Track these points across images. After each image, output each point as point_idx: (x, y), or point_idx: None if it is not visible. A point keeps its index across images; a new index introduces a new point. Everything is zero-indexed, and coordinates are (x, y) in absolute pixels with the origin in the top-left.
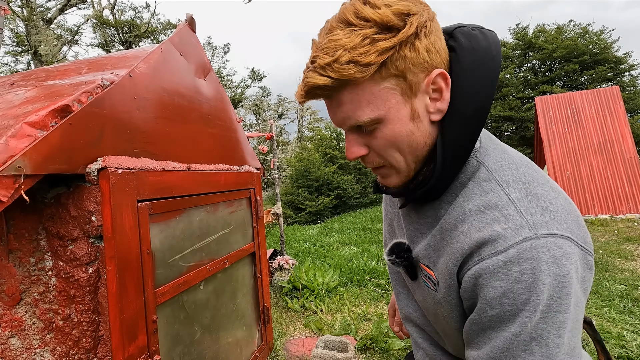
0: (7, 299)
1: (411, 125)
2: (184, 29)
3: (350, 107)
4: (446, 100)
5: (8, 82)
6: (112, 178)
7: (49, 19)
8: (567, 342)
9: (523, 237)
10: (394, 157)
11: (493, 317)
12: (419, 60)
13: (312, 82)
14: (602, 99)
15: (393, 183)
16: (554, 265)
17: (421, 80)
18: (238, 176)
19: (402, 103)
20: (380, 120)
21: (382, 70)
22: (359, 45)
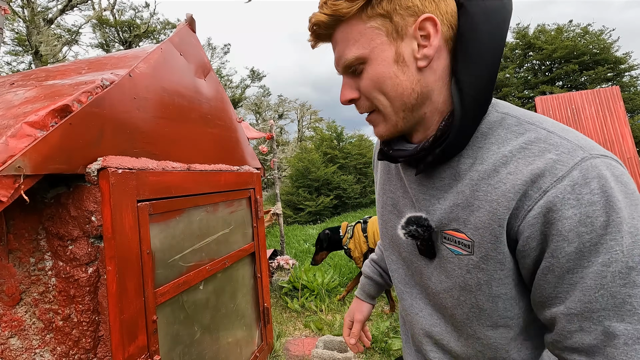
0: (7, 299)
1: (395, 68)
2: (184, 29)
3: (342, 46)
4: (434, 47)
5: (8, 82)
6: (112, 178)
7: (49, 19)
8: None
9: (580, 157)
10: (380, 100)
11: (572, 255)
12: (407, 3)
13: (314, 19)
14: (602, 99)
15: (381, 131)
16: (620, 183)
17: (409, 24)
18: (238, 176)
19: (387, 44)
20: (364, 59)
21: (368, 8)
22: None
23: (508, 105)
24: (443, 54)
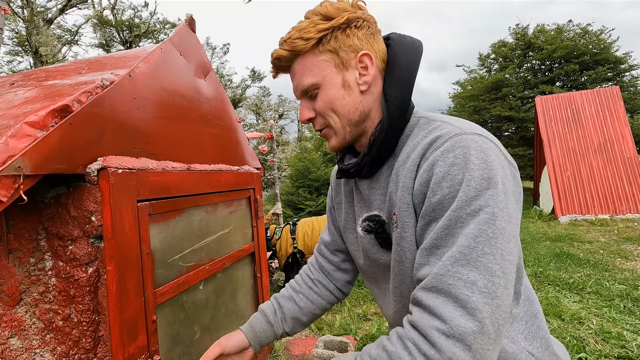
0: (7, 299)
1: (342, 91)
2: (184, 29)
3: (299, 75)
4: (371, 75)
5: (8, 82)
6: (112, 178)
7: (49, 19)
8: (501, 216)
9: (455, 133)
10: (332, 117)
11: (436, 204)
12: (349, 43)
13: (275, 54)
14: (602, 99)
15: (333, 144)
16: (481, 152)
17: (352, 58)
18: (238, 176)
19: (336, 73)
20: (318, 85)
21: (319, 45)
22: (306, 27)
23: (424, 112)
24: (378, 81)
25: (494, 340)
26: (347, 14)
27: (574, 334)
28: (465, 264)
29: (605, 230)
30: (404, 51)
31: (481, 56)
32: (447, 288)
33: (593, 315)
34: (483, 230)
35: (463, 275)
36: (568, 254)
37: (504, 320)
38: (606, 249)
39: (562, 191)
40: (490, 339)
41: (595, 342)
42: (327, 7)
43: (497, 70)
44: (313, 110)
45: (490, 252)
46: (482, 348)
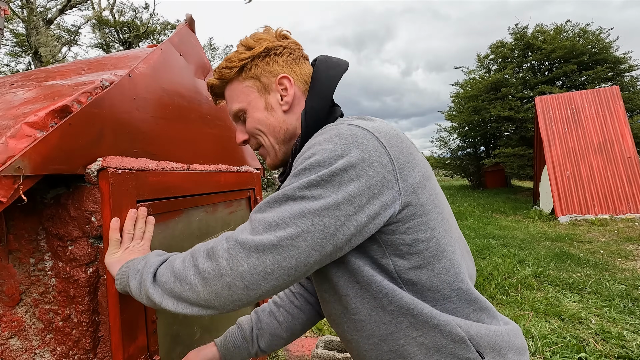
0: (7, 300)
1: (266, 113)
2: (184, 30)
3: (230, 101)
4: (291, 95)
5: (8, 82)
6: (111, 178)
7: (49, 20)
8: (329, 202)
9: (326, 127)
10: (261, 137)
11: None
12: (269, 69)
13: (209, 83)
14: (602, 98)
15: (269, 163)
16: (337, 137)
17: (272, 82)
18: (238, 176)
19: (259, 98)
20: (244, 110)
21: (242, 72)
22: (231, 57)
23: (361, 118)
24: (301, 101)
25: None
26: (266, 43)
27: (574, 333)
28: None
29: (605, 230)
30: (327, 68)
31: (480, 57)
32: None
33: (593, 315)
34: (306, 211)
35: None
36: (568, 253)
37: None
38: (606, 249)
39: (562, 191)
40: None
41: (595, 342)
42: (248, 40)
43: (497, 70)
44: (245, 133)
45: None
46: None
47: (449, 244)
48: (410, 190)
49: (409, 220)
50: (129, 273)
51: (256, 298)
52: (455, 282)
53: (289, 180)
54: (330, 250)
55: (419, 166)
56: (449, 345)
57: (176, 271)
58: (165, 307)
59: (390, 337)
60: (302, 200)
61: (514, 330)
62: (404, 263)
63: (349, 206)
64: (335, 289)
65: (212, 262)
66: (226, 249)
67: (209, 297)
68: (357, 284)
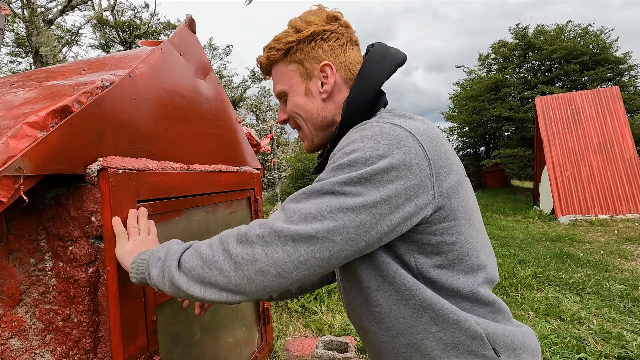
0: (7, 300)
1: (305, 99)
2: (184, 30)
3: (274, 81)
4: (331, 84)
5: (8, 82)
6: (112, 179)
7: (49, 20)
8: (372, 199)
9: (368, 122)
10: (299, 121)
11: (322, 176)
12: (313, 55)
13: (259, 59)
14: (602, 99)
15: (305, 146)
16: (379, 136)
17: (315, 69)
18: (238, 176)
19: (300, 83)
20: (286, 92)
21: (287, 56)
22: (279, 38)
23: (403, 113)
24: (343, 90)
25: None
26: (314, 27)
27: (574, 334)
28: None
29: (605, 231)
30: (380, 59)
31: (481, 56)
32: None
33: (593, 316)
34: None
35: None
36: (568, 254)
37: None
38: (606, 249)
39: (562, 191)
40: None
41: (595, 343)
42: (297, 21)
43: (497, 70)
44: (286, 113)
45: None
46: None
47: (473, 249)
48: (444, 195)
49: (438, 223)
50: (148, 261)
51: (286, 286)
52: (474, 285)
53: (327, 174)
54: (362, 247)
55: (455, 171)
56: (467, 341)
57: (204, 257)
58: (192, 293)
59: (409, 330)
60: (340, 195)
61: (528, 332)
62: (426, 261)
63: (386, 206)
64: (357, 280)
65: (245, 247)
66: (260, 235)
67: (241, 282)
68: (381, 277)
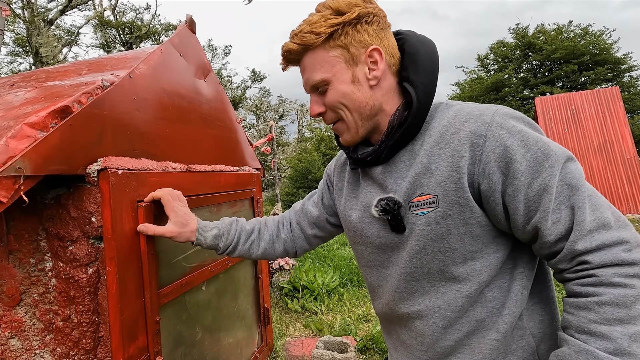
0: (7, 300)
1: (352, 87)
2: (184, 30)
3: (309, 70)
4: (381, 70)
5: (8, 83)
6: (112, 179)
7: (49, 20)
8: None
9: (493, 109)
10: (343, 112)
11: (526, 171)
12: (359, 38)
13: (286, 47)
14: (602, 99)
15: (347, 139)
16: (520, 115)
17: (361, 54)
18: (238, 177)
19: (345, 69)
20: (328, 81)
21: (330, 40)
22: (317, 21)
23: (440, 100)
24: (388, 76)
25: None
26: (359, 9)
27: None
28: (602, 206)
29: None
30: (422, 42)
31: (480, 57)
32: (604, 237)
33: None
34: (587, 188)
35: (604, 223)
36: None
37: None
38: None
39: None
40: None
41: None
42: (338, 2)
43: (497, 70)
44: (323, 105)
45: (596, 195)
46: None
47: None
48: None
49: None
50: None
51: None
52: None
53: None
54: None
55: None
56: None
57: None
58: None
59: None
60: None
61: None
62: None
63: None
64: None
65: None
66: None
67: None
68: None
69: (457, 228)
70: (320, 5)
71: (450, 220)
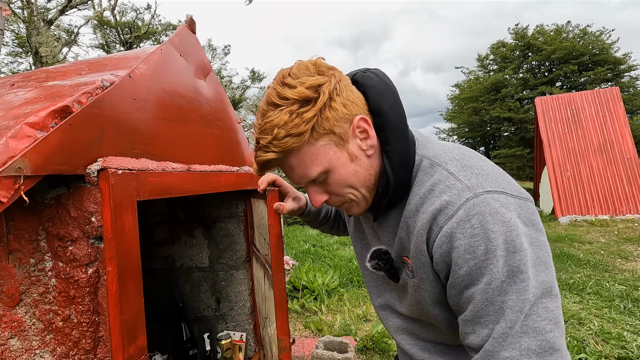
0: (7, 300)
1: (353, 166)
2: (184, 30)
3: (301, 169)
4: (373, 137)
5: (8, 83)
6: (112, 179)
7: (49, 20)
8: (533, 276)
9: (465, 198)
10: (351, 193)
11: (464, 276)
12: (340, 116)
13: (262, 158)
14: (602, 99)
15: (356, 212)
16: (497, 215)
17: (347, 129)
18: (238, 177)
19: (339, 152)
20: (327, 171)
21: (313, 134)
22: (289, 120)
23: (425, 144)
24: (374, 136)
25: None
26: (326, 87)
27: (575, 334)
28: (515, 334)
29: (605, 231)
30: (381, 94)
31: (480, 57)
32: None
33: (593, 316)
34: (525, 299)
35: (516, 346)
36: (568, 254)
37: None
38: (606, 250)
39: (562, 192)
40: None
41: (595, 343)
42: (299, 90)
43: (496, 71)
44: (325, 193)
45: (535, 313)
46: None
47: None
48: None
49: None
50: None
51: None
52: None
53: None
54: None
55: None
56: None
57: None
58: None
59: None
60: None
61: None
62: None
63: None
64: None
65: None
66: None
67: None
68: None
69: (432, 298)
70: (274, 97)
71: (424, 292)
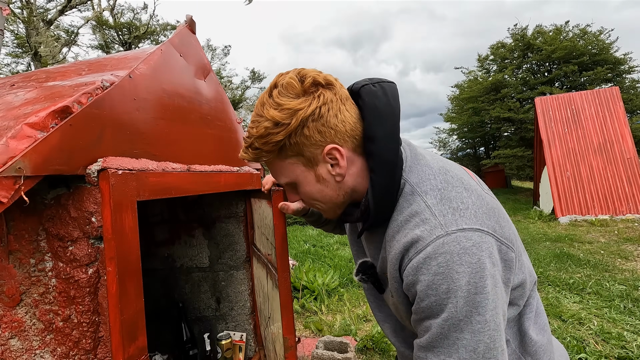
0: (7, 300)
1: (319, 185)
2: (184, 30)
3: (273, 173)
4: (343, 167)
5: (8, 83)
6: (112, 179)
7: (49, 20)
8: (492, 319)
9: (436, 235)
10: (318, 204)
11: (425, 308)
12: (311, 142)
13: (241, 154)
14: (601, 99)
15: (327, 216)
16: (465, 255)
17: (318, 154)
18: (238, 177)
19: (306, 171)
20: (293, 183)
21: (281, 152)
22: (263, 135)
23: (412, 166)
24: (355, 159)
25: None
26: (301, 113)
27: (574, 334)
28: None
29: (605, 231)
30: (380, 118)
31: (480, 57)
32: None
33: (593, 316)
34: (479, 340)
35: None
36: (568, 254)
37: None
38: (606, 250)
39: (562, 192)
40: None
41: (595, 343)
42: (274, 112)
43: (496, 71)
44: (297, 195)
45: (492, 357)
46: None
47: (531, 272)
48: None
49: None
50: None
51: None
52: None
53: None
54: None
55: (508, 219)
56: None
57: None
58: None
59: None
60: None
61: (559, 348)
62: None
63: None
64: None
65: None
66: None
67: None
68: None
69: (407, 315)
70: (260, 106)
71: (401, 309)
